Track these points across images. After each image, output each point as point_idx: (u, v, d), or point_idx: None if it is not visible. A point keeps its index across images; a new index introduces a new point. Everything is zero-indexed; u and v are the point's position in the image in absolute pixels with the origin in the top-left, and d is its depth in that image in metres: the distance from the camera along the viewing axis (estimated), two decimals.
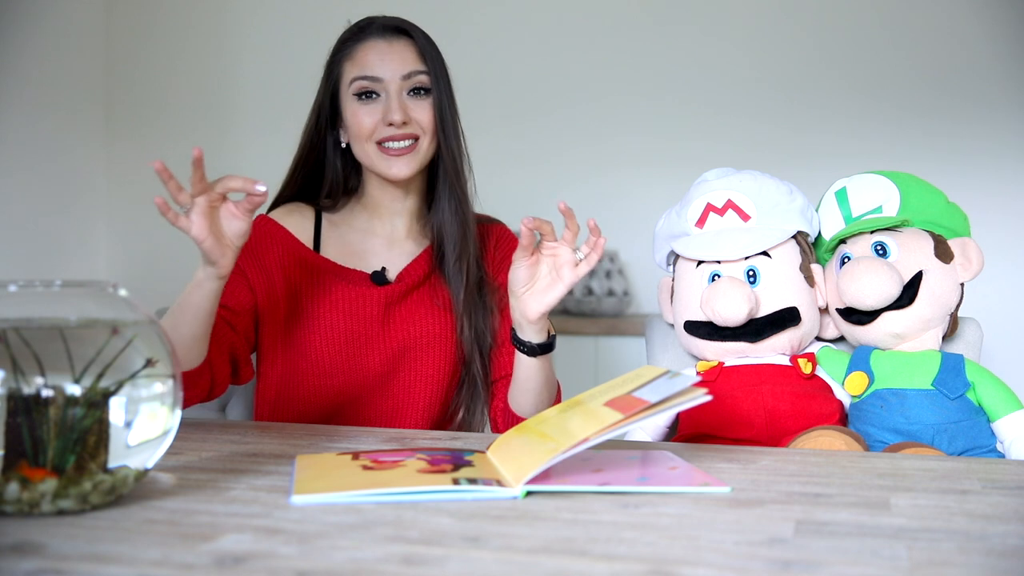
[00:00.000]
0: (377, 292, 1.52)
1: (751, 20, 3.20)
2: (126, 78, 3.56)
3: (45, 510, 0.90)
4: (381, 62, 1.48)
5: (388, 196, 1.56)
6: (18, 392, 0.88)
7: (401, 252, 1.57)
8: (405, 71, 1.48)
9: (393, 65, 1.48)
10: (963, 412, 1.43)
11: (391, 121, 1.46)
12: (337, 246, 1.56)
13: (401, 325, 1.52)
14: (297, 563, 0.79)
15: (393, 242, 1.57)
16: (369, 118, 1.48)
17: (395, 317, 1.52)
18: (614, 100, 3.27)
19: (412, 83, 1.49)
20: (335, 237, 1.57)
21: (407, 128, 1.48)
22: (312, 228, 1.56)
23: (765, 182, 1.55)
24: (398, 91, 1.48)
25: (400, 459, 1.11)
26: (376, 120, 1.48)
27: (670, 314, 1.62)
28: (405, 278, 1.54)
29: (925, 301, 1.47)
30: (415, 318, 1.53)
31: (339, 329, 1.50)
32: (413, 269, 1.55)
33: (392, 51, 1.49)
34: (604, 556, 0.81)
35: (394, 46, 1.49)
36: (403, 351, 1.52)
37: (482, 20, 3.34)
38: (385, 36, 1.50)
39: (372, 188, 1.56)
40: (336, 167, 1.57)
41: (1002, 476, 1.12)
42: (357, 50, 1.50)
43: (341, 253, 1.55)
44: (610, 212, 3.25)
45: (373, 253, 1.56)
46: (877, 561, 0.80)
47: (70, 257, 3.45)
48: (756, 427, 1.46)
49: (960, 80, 3.06)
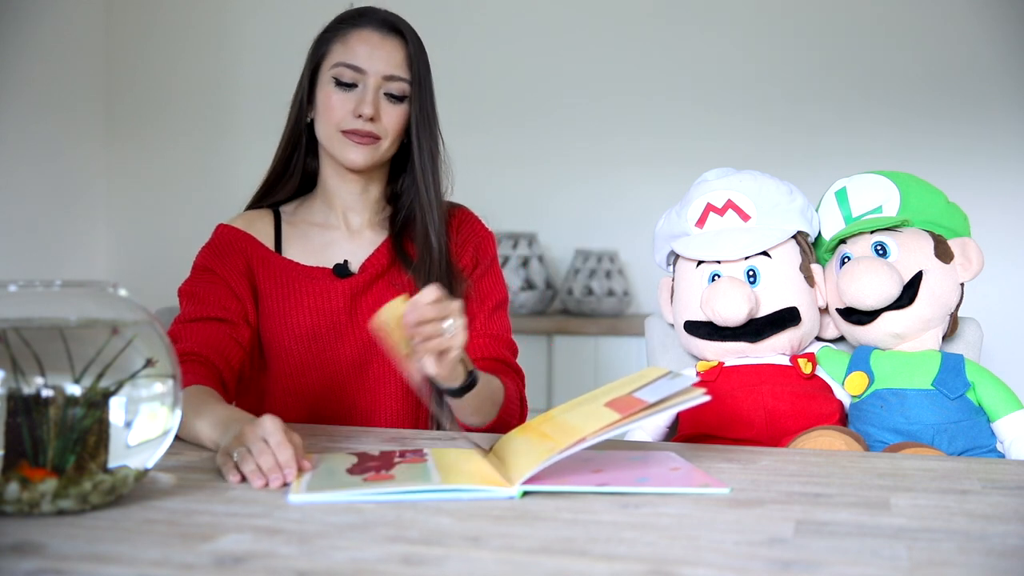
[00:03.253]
0: (341, 285, 1.52)
1: (751, 20, 3.20)
2: (126, 78, 3.56)
3: (45, 510, 0.90)
4: (369, 55, 1.48)
5: (346, 188, 1.56)
6: (18, 392, 0.88)
7: (363, 242, 1.57)
8: (388, 72, 1.48)
9: (379, 62, 1.48)
10: (963, 412, 1.43)
11: (360, 113, 1.47)
12: (299, 245, 1.56)
13: (368, 315, 1.50)
14: (297, 563, 0.79)
15: (353, 233, 1.57)
16: (341, 105, 1.48)
17: (361, 307, 1.52)
18: (614, 100, 3.27)
19: (391, 87, 1.49)
20: (296, 236, 1.57)
21: (372, 125, 1.48)
22: (273, 231, 1.57)
23: (765, 182, 1.55)
24: (376, 88, 1.48)
25: (393, 473, 1.09)
26: (347, 109, 1.48)
27: (670, 314, 1.62)
28: (368, 268, 1.54)
29: (925, 301, 1.47)
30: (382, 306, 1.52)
31: (305, 326, 1.50)
32: (376, 259, 1.55)
33: (383, 47, 1.49)
34: (604, 556, 0.81)
35: (386, 43, 1.49)
36: (373, 341, 1.49)
37: (482, 20, 3.34)
38: (380, 30, 1.50)
39: (330, 179, 1.56)
40: (302, 149, 1.56)
41: (1002, 476, 1.12)
42: (350, 35, 1.50)
43: (303, 251, 1.55)
44: (610, 212, 3.25)
45: (335, 246, 1.56)
46: (877, 561, 0.80)
47: (70, 257, 3.45)
48: (756, 427, 1.46)
49: (960, 80, 3.06)
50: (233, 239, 1.54)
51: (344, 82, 1.48)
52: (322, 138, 1.52)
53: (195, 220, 3.49)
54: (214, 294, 1.47)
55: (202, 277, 1.50)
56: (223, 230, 1.56)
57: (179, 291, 1.50)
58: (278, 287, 1.52)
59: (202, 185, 3.47)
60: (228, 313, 1.47)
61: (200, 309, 1.46)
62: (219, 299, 1.47)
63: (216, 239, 1.55)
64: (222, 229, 1.56)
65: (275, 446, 1.06)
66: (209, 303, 1.46)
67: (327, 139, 1.51)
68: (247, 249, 1.53)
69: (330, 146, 1.51)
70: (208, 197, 3.43)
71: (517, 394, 1.52)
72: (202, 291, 1.48)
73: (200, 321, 1.45)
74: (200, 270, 1.52)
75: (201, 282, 1.49)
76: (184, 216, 3.47)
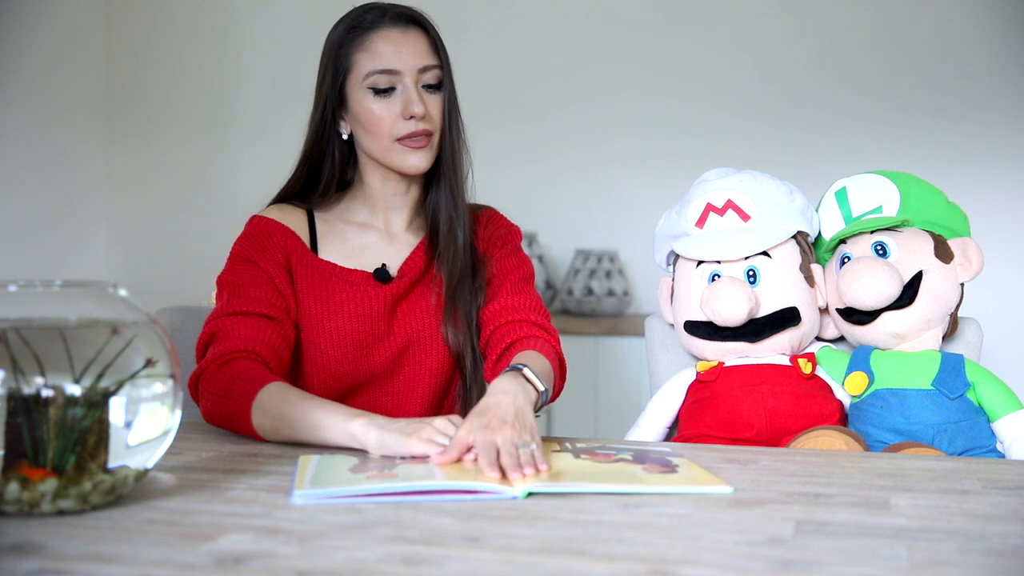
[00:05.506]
0: (382, 291, 1.49)
1: (751, 20, 3.20)
2: (126, 78, 3.56)
3: (45, 510, 0.90)
4: (397, 54, 1.43)
5: (391, 189, 1.52)
6: (18, 392, 0.88)
7: (401, 245, 1.54)
8: (420, 64, 1.44)
9: (409, 57, 1.43)
10: (963, 412, 1.43)
11: (413, 114, 1.42)
12: (335, 245, 1.52)
13: (404, 320, 1.50)
14: (297, 563, 0.79)
15: (392, 235, 1.54)
16: (387, 113, 1.43)
17: (399, 313, 1.50)
18: (614, 100, 3.27)
19: (427, 77, 1.45)
20: (332, 236, 1.53)
21: (424, 123, 1.44)
22: (307, 229, 1.52)
23: (765, 182, 1.55)
24: (415, 83, 1.43)
25: (396, 472, 1.09)
26: (395, 114, 1.43)
27: (670, 314, 1.62)
28: (407, 272, 1.51)
29: (925, 301, 1.47)
30: (417, 311, 1.51)
31: (345, 332, 1.47)
32: (413, 262, 1.52)
33: (407, 41, 1.44)
34: (604, 556, 0.81)
35: (408, 36, 1.45)
36: (407, 345, 1.50)
37: (483, 20, 3.34)
38: (399, 25, 1.45)
39: (373, 181, 1.52)
40: (335, 159, 1.52)
41: (1002, 476, 1.12)
42: (370, 39, 1.45)
43: (340, 253, 1.52)
44: (610, 212, 3.25)
45: (373, 248, 1.53)
46: (877, 561, 0.80)
47: (70, 257, 3.45)
48: (756, 427, 1.46)
49: (960, 80, 3.06)
50: (272, 231, 1.48)
51: (381, 89, 1.43)
52: (373, 152, 1.47)
53: (195, 220, 3.51)
54: (260, 289, 1.42)
55: (244, 268, 1.44)
56: (260, 221, 1.50)
57: (218, 280, 1.45)
58: (316, 288, 1.47)
59: (202, 185, 3.47)
60: (275, 310, 1.42)
61: (245, 303, 1.40)
62: (266, 295, 1.42)
63: (253, 229, 1.49)
64: (258, 220, 1.50)
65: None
66: (255, 298, 1.41)
67: (381, 152, 1.45)
68: (286, 243, 1.48)
69: (385, 158, 1.46)
70: (208, 197, 3.44)
71: (556, 357, 1.44)
72: (246, 283, 1.42)
73: (247, 316, 1.39)
74: (240, 260, 1.45)
75: (244, 273, 1.43)
76: (184, 216, 3.47)
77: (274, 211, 1.52)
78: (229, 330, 1.37)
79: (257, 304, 1.40)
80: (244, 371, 1.31)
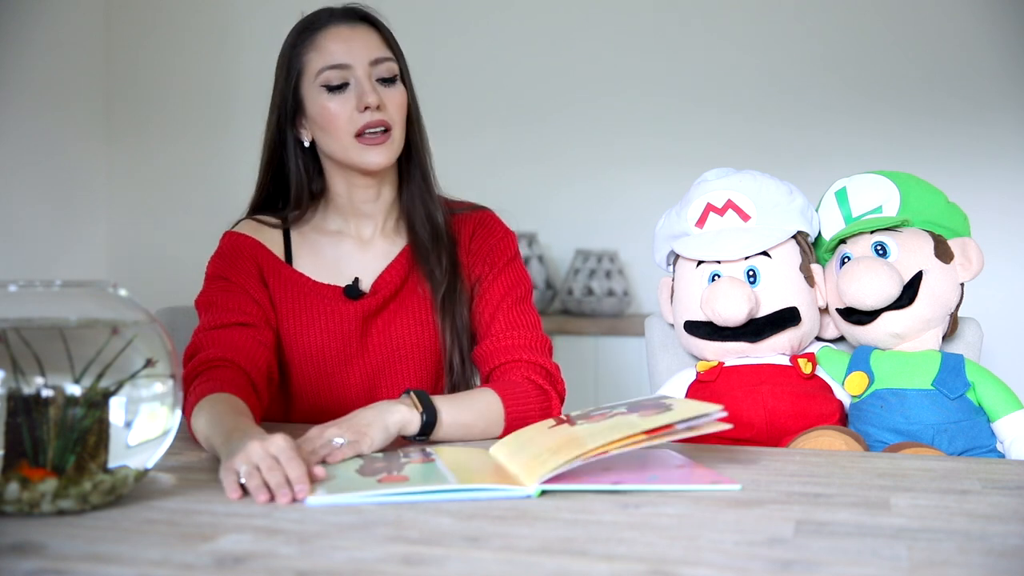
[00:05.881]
0: (352, 307, 1.46)
1: (752, 20, 3.20)
2: (126, 78, 3.56)
3: (45, 510, 0.90)
4: (347, 48, 1.42)
5: (359, 195, 1.49)
6: (18, 392, 0.88)
7: (376, 255, 1.51)
8: (371, 57, 1.43)
9: (359, 51, 1.42)
10: (963, 412, 1.43)
11: (367, 105, 1.40)
12: (309, 257, 1.50)
13: (379, 338, 1.48)
14: (297, 563, 0.79)
15: (365, 244, 1.51)
16: (342, 108, 1.41)
17: (372, 331, 1.47)
18: (614, 100, 3.27)
19: (380, 70, 1.43)
20: (306, 247, 1.51)
21: (380, 114, 1.41)
22: (282, 240, 1.51)
23: (765, 182, 1.55)
24: (367, 76, 1.42)
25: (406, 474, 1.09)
26: (350, 109, 1.40)
27: (670, 314, 1.62)
28: (381, 288, 1.48)
29: (925, 301, 1.47)
30: (392, 329, 1.48)
31: (316, 347, 1.45)
32: (389, 276, 1.49)
33: (356, 37, 1.43)
34: (604, 556, 0.81)
35: (357, 31, 1.44)
36: (383, 364, 1.48)
37: (483, 20, 3.34)
38: (347, 22, 1.45)
39: (339, 187, 1.49)
40: (299, 168, 1.50)
41: (1002, 476, 1.13)
42: (319, 39, 1.44)
43: (314, 264, 1.49)
44: (610, 212, 3.25)
45: (346, 259, 1.50)
46: (877, 561, 0.80)
47: (70, 257, 3.45)
48: (756, 427, 1.46)
49: (960, 80, 3.06)
50: (242, 246, 1.48)
51: (334, 85, 1.41)
52: (333, 153, 1.45)
53: (195, 220, 3.50)
54: (232, 300, 1.42)
55: (216, 285, 1.45)
56: (231, 237, 1.50)
57: (196, 303, 1.46)
58: (289, 300, 1.47)
59: (202, 185, 3.47)
60: (249, 317, 1.42)
61: (220, 316, 1.40)
62: (238, 304, 1.42)
63: (225, 247, 1.49)
64: (230, 236, 1.50)
65: (286, 462, 1.01)
66: (228, 309, 1.41)
67: (341, 151, 1.43)
68: (257, 256, 1.48)
69: (346, 157, 1.43)
70: (208, 197, 3.43)
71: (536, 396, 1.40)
72: (219, 299, 1.43)
73: (222, 328, 1.39)
74: (214, 279, 1.46)
75: (216, 290, 1.44)
76: (184, 216, 3.47)
77: (246, 225, 1.52)
78: (204, 344, 1.37)
79: (230, 314, 1.41)
80: (207, 380, 1.30)
